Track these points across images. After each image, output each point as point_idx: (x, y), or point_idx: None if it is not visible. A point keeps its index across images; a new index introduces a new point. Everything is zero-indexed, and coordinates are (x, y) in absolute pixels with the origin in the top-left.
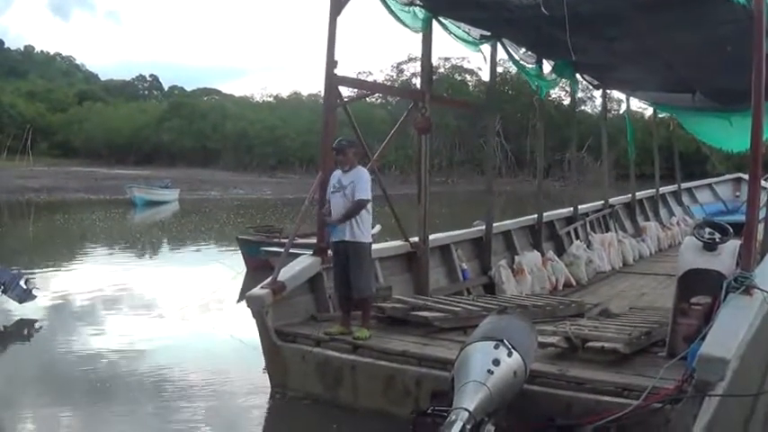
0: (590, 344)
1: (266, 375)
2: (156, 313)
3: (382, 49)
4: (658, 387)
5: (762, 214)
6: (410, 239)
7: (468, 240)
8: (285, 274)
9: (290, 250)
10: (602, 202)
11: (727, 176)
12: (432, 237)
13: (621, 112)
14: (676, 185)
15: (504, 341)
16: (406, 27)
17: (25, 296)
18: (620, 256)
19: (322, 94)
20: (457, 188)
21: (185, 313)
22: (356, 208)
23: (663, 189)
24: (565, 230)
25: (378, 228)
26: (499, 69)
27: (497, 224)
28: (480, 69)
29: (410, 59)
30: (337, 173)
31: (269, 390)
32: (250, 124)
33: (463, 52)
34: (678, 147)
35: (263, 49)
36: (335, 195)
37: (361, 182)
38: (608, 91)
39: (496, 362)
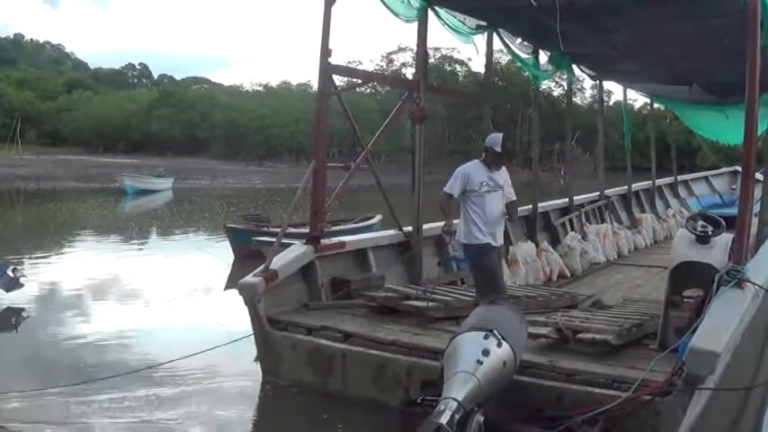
0: (581, 335)
1: (256, 364)
2: (143, 302)
3: (371, 38)
4: (648, 379)
5: (756, 208)
6: (404, 229)
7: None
8: (278, 262)
9: (282, 240)
10: (598, 193)
11: (724, 169)
12: (425, 226)
13: (611, 103)
14: (673, 177)
15: (494, 331)
16: (397, 17)
17: (12, 285)
18: (616, 248)
19: (311, 83)
20: (446, 178)
21: (173, 302)
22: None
23: (659, 181)
24: (560, 221)
25: (379, 217)
26: None
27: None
28: (470, 60)
29: (400, 49)
30: (481, 170)
31: (259, 377)
32: (239, 113)
33: (454, 43)
34: (668, 139)
35: (253, 38)
36: (491, 195)
37: (509, 182)
38: (598, 82)
39: (486, 352)
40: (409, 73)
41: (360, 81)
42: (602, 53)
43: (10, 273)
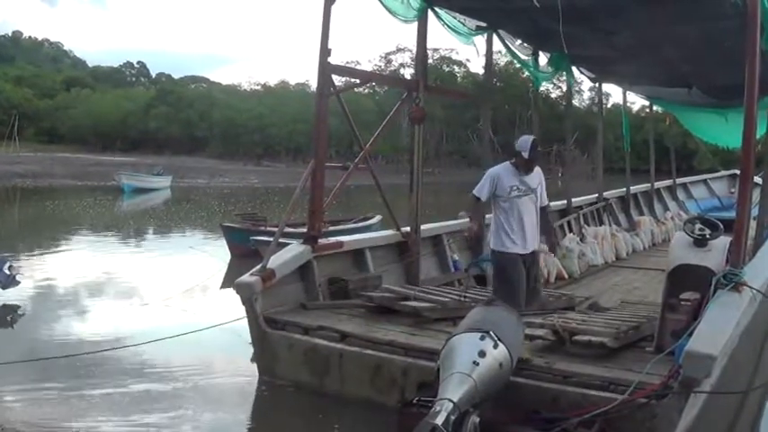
0: (577, 337)
1: (252, 363)
2: (139, 300)
3: (370, 39)
4: (645, 382)
5: (755, 212)
6: (402, 229)
7: (461, 231)
8: (275, 261)
9: (280, 239)
10: (596, 195)
11: (723, 173)
12: (423, 227)
13: (609, 106)
14: (671, 180)
15: (491, 333)
16: (396, 17)
17: (9, 282)
18: (614, 250)
19: (310, 83)
20: (444, 179)
21: (170, 300)
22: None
23: (658, 184)
24: (558, 223)
25: (379, 217)
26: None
27: (491, 216)
28: (469, 61)
29: (398, 50)
30: (511, 173)
31: (255, 377)
32: (237, 113)
33: (452, 43)
34: (665, 142)
35: (252, 38)
36: (522, 200)
37: (543, 183)
38: (597, 84)
39: (482, 353)
40: (407, 73)
41: (359, 81)
42: (602, 55)
43: (6, 270)
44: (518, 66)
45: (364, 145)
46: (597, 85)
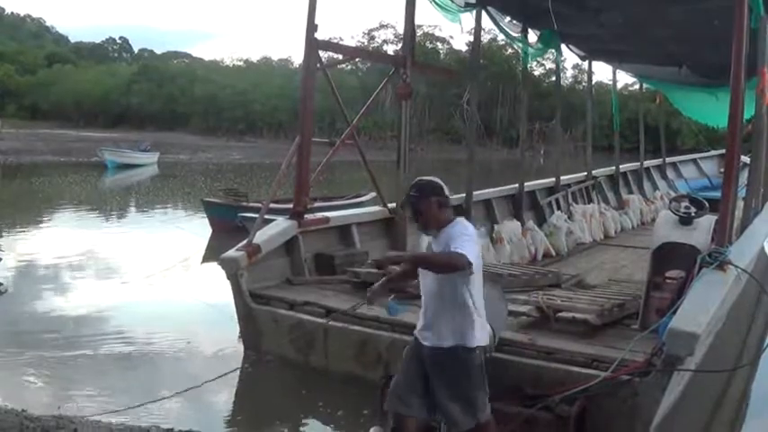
0: (561, 314)
1: (237, 339)
2: (122, 276)
3: (352, 15)
4: (627, 359)
5: (743, 192)
6: (388, 205)
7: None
8: (260, 237)
9: (267, 215)
10: (585, 173)
11: (713, 152)
12: None
13: (593, 84)
14: (661, 159)
15: None
16: None
17: None
18: (602, 228)
19: (292, 58)
20: (426, 156)
21: (152, 277)
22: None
23: (647, 162)
24: (546, 201)
25: (372, 194)
26: (471, 38)
27: (478, 192)
28: (452, 38)
29: (381, 26)
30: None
31: (240, 352)
32: (219, 88)
33: (436, 20)
34: (648, 121)
35: (234, 13)
36: (424, 278)
37: (455, 239)
38: (580, 63)
39: None
40: (390, 50)
41: (346, 57)
42: (591, 33)
43: None
44: (502, 43)
45: (350, 121)
46: (587, 63)
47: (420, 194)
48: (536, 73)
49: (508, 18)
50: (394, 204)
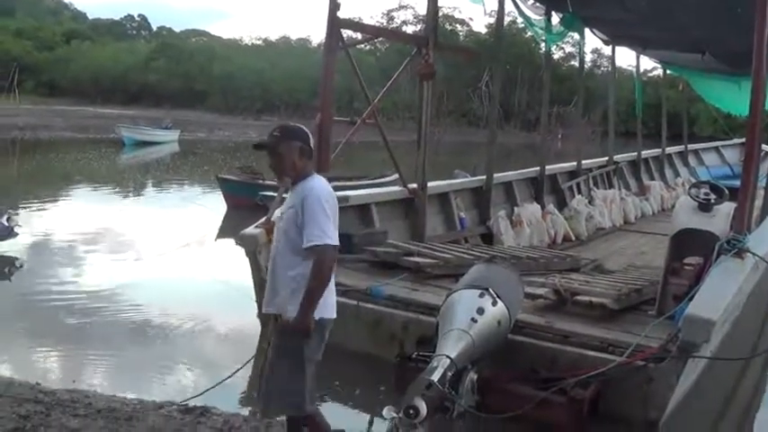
0: (578, 298)
1: (251, 317)
2: (137, 252)
3: None
4: (643, 345)
5: (764, 181)
6: (408, 185)
7: (468, 189)
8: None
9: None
10: (607, 158)
11: (735, 140)
12: (430, 184)
13: (611, 69)
14: (683, 146)
15: (490, 290)
16: None
17: (6, 233)
18: (622, 214)
19: (311, 38)
20: (444, 138)
21: (168, 254)
22: (316, 271)
23: (669, 149)
24: (567, 185)
25: (396, 176)
26: (491, 20)
27: (498, 175)
28: (472, 20)
29: (401, 7)
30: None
31: (256, 330)
32: (237, 67)
33: (455, 2)
34: (667, 107)
35: None
36: (277, 227)
37: (309, 210)
38: (600, 47)
39: (480, 310)
40: (410, 31)
41: (367, 36)
42: (615, 17)
43: (5, 221)
44: (522, 26)
45: (371, 101)
46: (611, 48)
47: (282, 135)
48: (555, 57)
49: (531, 1)
50: (414, 185)
